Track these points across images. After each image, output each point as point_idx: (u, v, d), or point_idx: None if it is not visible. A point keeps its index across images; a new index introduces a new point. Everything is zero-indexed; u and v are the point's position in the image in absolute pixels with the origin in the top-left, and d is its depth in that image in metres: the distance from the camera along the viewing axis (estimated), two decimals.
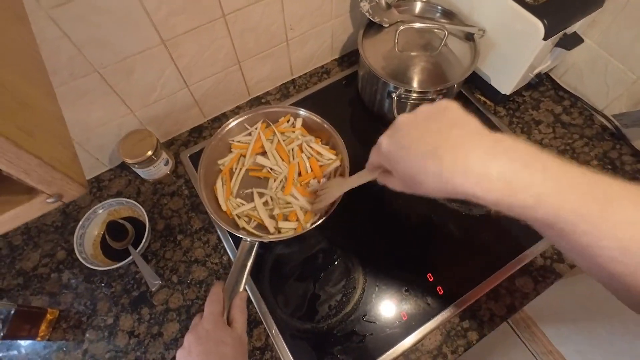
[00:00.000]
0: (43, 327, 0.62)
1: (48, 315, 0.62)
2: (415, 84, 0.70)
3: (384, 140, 0.38)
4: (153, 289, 0.65)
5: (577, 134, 0.78)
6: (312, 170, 0.70)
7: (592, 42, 0.74)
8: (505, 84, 0.77)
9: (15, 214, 0.28)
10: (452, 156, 0.32)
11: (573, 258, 0.32)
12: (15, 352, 0.62)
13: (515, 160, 0.30)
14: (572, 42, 0.69)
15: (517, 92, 0.83)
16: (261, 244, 0.61)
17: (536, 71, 0.77)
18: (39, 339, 0.61)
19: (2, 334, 0.55)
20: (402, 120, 0.37)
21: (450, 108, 0.36)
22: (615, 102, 0.76)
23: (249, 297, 0.64)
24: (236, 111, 0.85)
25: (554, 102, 0.83)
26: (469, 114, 0.35)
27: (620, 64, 0.72)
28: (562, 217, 0.29)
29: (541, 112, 0.82)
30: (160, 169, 0.72)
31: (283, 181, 0.69)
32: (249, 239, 0.60)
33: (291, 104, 0.80)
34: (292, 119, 0.74)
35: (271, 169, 0.70)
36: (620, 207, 0.29)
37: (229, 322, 0.50)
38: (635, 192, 0.29)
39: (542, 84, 0.85)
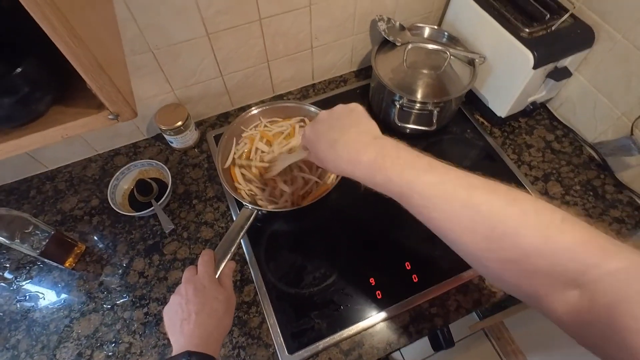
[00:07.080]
0: (71, 257, 0.73)
1: (77, 248, 0.74)
2: (418, 96, 0.79)
3: (307, 129, 0.51)
4: (167, 232, 0.75)
5: (564, 161, 0.85)
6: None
7: (584, 79, 0.82)
8: (501, 107, 0.86)
9: (85, 122, 0.39)
10: (342, 150, 0.45)
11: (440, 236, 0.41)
12: (46, 274, 0.73)
13: (378, 152, 0.42)
14: (561, 75, 0.77)
15: (514, 117, 0.90)
16: (262, 215, 0.70)
17: (531, 99, 0.85)
18: (66, 265, 0.72)
19: (39, 251, 0.66)
20: (321, 116, 0.50)
21: (356, 110, 0.49)
22: (602, 136, 0.82)
23: (245, 257, 0.74)
24: (259, 105, 0.96)
25: (547, 131, 0.90)
26: (367, 116, 0.48)
27: (607, 100, 0.78)
28: (404, 192, 0.40)
29: (534, 137, 0.89)
30: (187, 138, 0.84)
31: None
32: (250, 206, 0.69)
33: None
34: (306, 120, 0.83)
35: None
36: (432, 173, 0.40)
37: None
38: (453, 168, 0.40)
39: (538, 113, 0.92)
